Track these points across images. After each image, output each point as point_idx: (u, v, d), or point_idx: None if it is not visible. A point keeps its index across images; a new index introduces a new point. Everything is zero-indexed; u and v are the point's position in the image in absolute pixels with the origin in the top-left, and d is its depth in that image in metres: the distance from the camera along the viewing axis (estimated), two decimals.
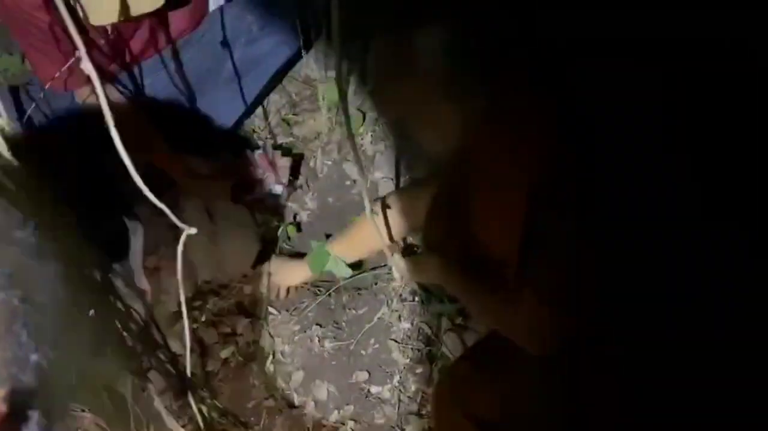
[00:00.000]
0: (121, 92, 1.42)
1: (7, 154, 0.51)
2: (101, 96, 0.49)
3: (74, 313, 0.54)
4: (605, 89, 0.85)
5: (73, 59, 1.19)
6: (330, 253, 1.40)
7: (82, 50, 0.52)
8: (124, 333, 1.31)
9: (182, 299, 0.71)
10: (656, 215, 0.82)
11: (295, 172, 1.65)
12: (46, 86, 1.26)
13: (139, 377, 1.28)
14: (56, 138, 1.37)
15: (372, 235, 1.29)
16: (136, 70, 1.42)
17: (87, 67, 0.52)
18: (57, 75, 1.22)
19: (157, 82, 1.43)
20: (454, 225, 1.11)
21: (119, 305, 1.34)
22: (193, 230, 0.60)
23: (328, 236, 1.51)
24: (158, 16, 1.32)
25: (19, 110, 1.37)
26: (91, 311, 1.35)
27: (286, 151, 1.67)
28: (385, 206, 1.33)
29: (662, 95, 0.83)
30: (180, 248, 0.63)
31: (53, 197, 0.66)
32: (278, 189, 1.60)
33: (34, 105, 1.30)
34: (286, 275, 1.49)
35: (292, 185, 1.65)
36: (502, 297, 1.01)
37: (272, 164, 1.56)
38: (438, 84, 0.88)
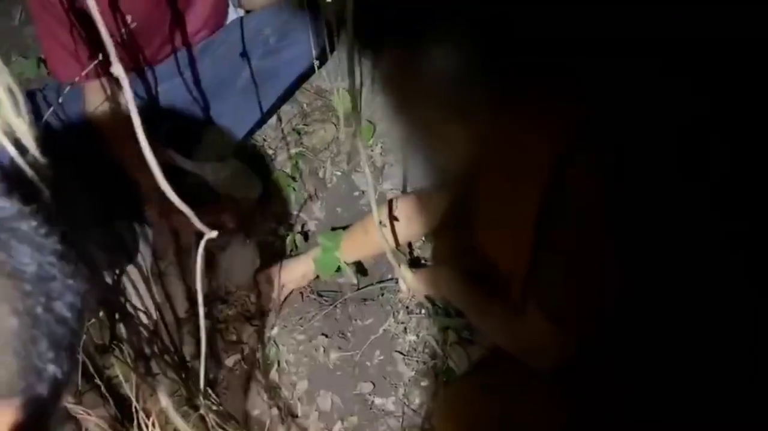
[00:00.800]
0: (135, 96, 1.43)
1: (39, 156, 0.53)
2: (131, 105, 0.50)
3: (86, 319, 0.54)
4: (630, 96, 0.85)
5: (94, 64, 1.19)
6: (339, 260, 1.40)
7: (110, 49, 0.52)
8: (134, 337, 1.32)
9: (200, 305, 0.71)
10: (674, 239, 0.82)
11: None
12: (58, 77, 1.27)
13: (146, 380, 1.29)
14: (71, 142, 1.38)
15: (376, 241, 1.30)
16: (150, 75, 1.44)
17: (117, 70, 0.53)
18: (71, 68, 1.22)
19: (173, 89, 1.45)
20: (462, 237, 1.11)
21: (129, 308, 1.35)
22: (214, 234, 0.61)
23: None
24: (175, 15, 1.33)
25: (36, 114, 1.38)
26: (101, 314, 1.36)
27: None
28: (392, 209, 1.34)
29: (690, 106, 0.82)
30: (201, 251, 0.64)
31: (72, 201, 0.67)
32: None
33: (51, 109, 1.31)
34: (290, 274, 1.48)
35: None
36: (507, 311, 1.02)
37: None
38: (447, 98, 0.88)
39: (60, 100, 1.26)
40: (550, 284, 0.89)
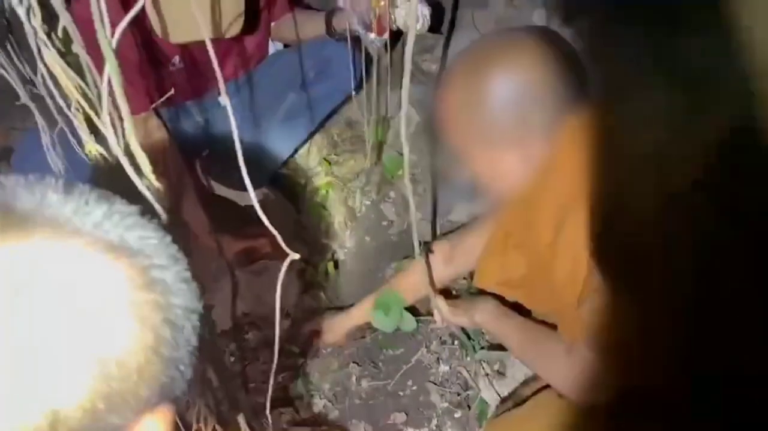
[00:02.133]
0: (167, 128, 1.45)
1: (155, 182, 0.56)
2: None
3: None
4: None
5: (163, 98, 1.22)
6: (400, 317, 1.37)
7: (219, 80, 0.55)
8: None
9: (277, 327, 0.73)
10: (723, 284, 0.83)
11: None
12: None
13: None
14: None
15: (417, 283, 1.31)
16: (195, 107, 1.48)
17: (224, 101, 0.56)
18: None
19: (214, 119, 1.48)
20: (507, 268, 1.12)
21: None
22: (297, 256, 0.63)
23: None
24: (226, 49, 1.36)
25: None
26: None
27: None
28: (428, 253, 1.35)
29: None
30: (282, 272, 0.66)
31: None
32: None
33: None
34: (335, 333, 1.48)
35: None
36: (553, 344, 1.02)
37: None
38: (506, 130, 0.87)
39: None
40: (603, 318, 0.89)
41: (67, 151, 0.92)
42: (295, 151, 1.74)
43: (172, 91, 1.00)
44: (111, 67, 0.55)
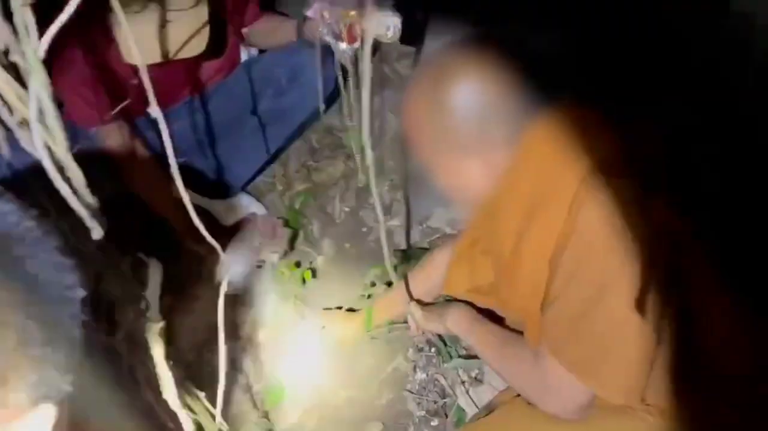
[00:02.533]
0: (143, 137, 1.44)
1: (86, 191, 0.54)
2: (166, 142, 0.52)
3: None
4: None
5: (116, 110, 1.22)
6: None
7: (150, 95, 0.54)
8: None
9: (221, 341, 0.72)
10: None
11: (291, 244, 1.62)
12: (78, 123, 1.31)
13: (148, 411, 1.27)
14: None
15: (396, 303, 1.33)
16: (164, 116, 1.46)
17: (154, 112, 0.55)
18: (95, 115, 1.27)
19: (187, 128, 1.47)
20: (478, 275, 1.11)
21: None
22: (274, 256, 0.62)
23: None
24: (192, 63, 1.36)
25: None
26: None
27: (286, 222, 1.66)
28: (408, 284, 1.34)
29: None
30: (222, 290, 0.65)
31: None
32: (274, 257, 1.58)
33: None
34: (343, 333, 1.45)
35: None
36: (522, 353, 1.01)
37: (273, 231, 1.55)
38: (468, 136, 0.87)
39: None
40: (563, 326, 0.88)
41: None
42: (274, 158, 1.73)
43: (128, 101, 0.99)
44: (37, 80, 0.53)
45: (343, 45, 1.31)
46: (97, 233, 0.58)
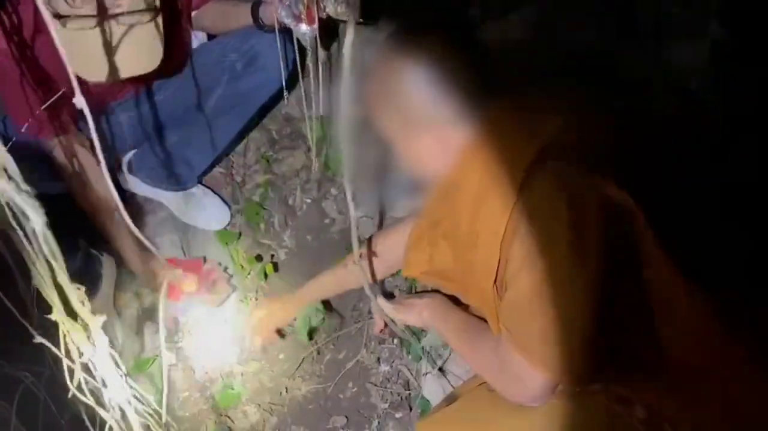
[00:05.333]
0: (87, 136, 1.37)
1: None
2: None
3: None
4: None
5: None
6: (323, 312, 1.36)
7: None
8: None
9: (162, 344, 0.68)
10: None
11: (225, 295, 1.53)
12: (22, 130, 1.25)
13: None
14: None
15: (351, 276, 1.27)
16: (111, 108, 1.40)
17: (79, 103, 0.50)
18: (29, 122, 1.21)
19: (134, 119, 1.41)
20: (437, 257, 1.09)
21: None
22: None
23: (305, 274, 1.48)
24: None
25: None
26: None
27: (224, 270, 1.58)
28: (369, 247, 1.31)
29: None
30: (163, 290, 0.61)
31: None
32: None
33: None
34: (270, 319, 1.39)
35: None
36: (487, 341, 0.99)
37: (211, 278, 1.48)
38: (421, 113, 0.89)
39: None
40: (515, 310, 0.87)
41: None
42: (231, 148, 1.68)
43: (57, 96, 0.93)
44: None
45: (303, 27, 1.27)
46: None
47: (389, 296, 1.46)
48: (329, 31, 1.42)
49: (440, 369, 1.38)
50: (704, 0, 1.17)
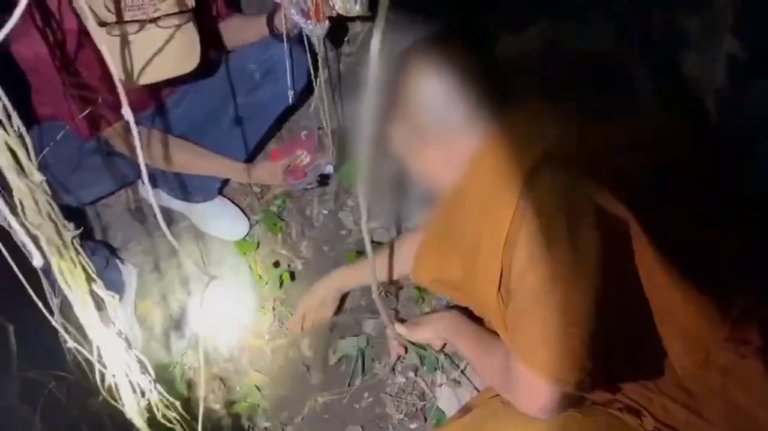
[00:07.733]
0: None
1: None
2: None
3: None
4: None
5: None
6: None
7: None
8: None
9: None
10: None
11: (342, 152, 1.51)
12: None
13: None
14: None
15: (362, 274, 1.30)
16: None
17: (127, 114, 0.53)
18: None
19: (160, 126, 1.45)
20: (447, 267, 1.10)
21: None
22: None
23: None
24: None
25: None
26: None
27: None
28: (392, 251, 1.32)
29: None
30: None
31: None
32: (329, 169, 1.51)
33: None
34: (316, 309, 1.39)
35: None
36: (500, 354, 0.99)
37: (321, 145, 1.49)
38: (427, 126, 0.90)
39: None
40: (520, 316, 0.86)
41: None
42: (250, 157, 1.71)
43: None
44: None
45: (312, 24, 1.28)
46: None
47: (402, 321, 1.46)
48: (339, 29, 1.42)
49: (455, 381, 1.38)
50: (719, 13, 1.17)
